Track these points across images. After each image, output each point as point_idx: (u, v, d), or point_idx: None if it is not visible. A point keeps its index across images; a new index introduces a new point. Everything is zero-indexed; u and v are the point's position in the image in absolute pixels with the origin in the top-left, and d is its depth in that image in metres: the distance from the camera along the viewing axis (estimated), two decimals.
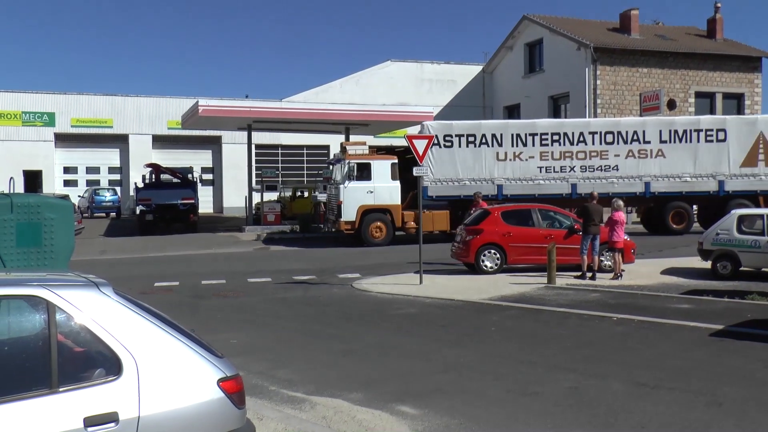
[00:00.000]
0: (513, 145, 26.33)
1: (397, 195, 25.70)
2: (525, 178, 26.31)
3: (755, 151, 26.93)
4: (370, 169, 25.39)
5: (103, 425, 3.67)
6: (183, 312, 12.43)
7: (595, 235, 16.19)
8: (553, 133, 26.53)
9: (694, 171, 26.71)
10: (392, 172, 25.55)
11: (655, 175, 26.65)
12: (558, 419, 6.64)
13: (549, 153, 26.47)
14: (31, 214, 10.29)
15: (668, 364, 8.66)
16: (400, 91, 43.21)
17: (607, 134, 26.63)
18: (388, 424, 6.59)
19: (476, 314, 12.46)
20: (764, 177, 26.90)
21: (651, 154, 26.72)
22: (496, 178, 26.15)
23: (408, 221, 25.83)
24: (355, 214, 25.07)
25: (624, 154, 26.60)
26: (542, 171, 26.41)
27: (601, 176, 26.48)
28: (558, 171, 26.49)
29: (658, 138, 26.73)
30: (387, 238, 25.45)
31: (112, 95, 43.03)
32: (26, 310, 4.07)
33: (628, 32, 39.87)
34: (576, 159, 26.51)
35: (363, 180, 25.22)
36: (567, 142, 26.49)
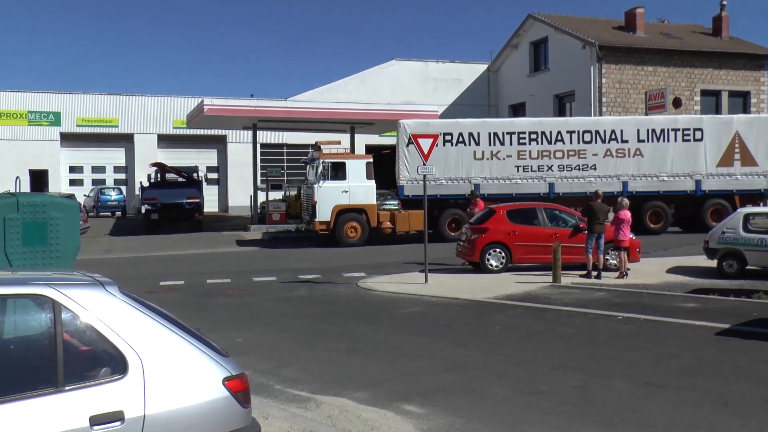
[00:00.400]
0: (490, 144, 26.15)
1: (373, 194, 25.60)
2: (502, 177, 26.12)
3: (731, 151, 26.91)
4: (344, 168, 25.16)
5: (108, 424, 3.67)
6: (188, 311, 12.44)
7: (600, 233, 16.16)
8: (530, 132, 26.36)
9: (672, 170, 26.65)
10: (367, 172, 25.33)
11: (632, 175, 26.54)
12: (563, 418, 6.63)
13: (527, 152, 26.31)
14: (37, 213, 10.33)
15: (674, 363, 8.64)
16: (406, 90, 43.14)
17: (585, 133, 26.51)
18: (393, 423, 6.58)
19: (481, 313, 12.45)
20: (740, 176, 26.88)
21: (629, 153, 26.62)
22: (473, 177, 25.92)
23: (383, 221, 25.64)
24: (330, 213, 24.84)
25: (602, 153, 26.48)
26: (520, 170, 26.21)
27: (579, 175, 26.34)
28: (535, 170, 26.33)
29: (636, 137, 26.64)
30: (362, 238, 25.20)
31: (118, 95, 43.09)
32: (32, 309, 4.08)
33: (633, 30, 39.77)
34: (554, 158, 26.37)
35: (338, 179, 24.99)
36: (545, 141, 26.34)
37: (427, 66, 45.70)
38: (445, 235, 25.65)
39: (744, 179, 26.92)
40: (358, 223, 25.22)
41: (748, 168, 27.01)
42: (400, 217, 25.84)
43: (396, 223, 25.71)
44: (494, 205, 19.00)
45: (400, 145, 25.94)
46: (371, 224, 25.45)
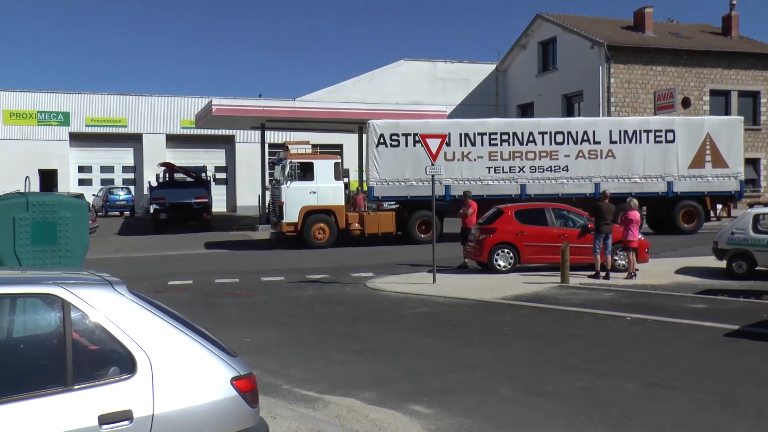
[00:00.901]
0: (461, 145, 25.80)
1: (341, 195, 25.18)
2: (473, 178, 25.77)
3: (702, 152, 26.81)
4: (312, 168, 24.73)
5: (117, 423, 3.69)
6: (196, 310, 12.47)
7: (608, 234, 16.12)
8: (502, 133, 26.08)
9: (644, 172, 26.49)
10: (335, 172, 24.99)
11: (605, 176, 26.31)
12: (571, 419, 6.62)
13: (498, 153, 25.98)
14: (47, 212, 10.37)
15: (683, 364, 8.61)
16: (414, 90, 43.15)
17: (557, 134, 26.26)
18: (401, 423, 6.58)
19: (489, 313, 12.43)
20: (711, 178, 26.77)
21: (601, 154, 26.41)
22: (443, 179, 25.31)
23: (352, 223, 25.20)
24: (297, 215, 24.42)
25: (574, 154, 26.25)
26: (491, 171, 25.90)
27: (551, 177, 26.11)
28: (507, 171, 26.01)
29: (608, 138, 26.45)
30: (331, 240, 24.80)
31: (126, 95, 43.25)
32: (42, 309, 4.10)
33: (642, 30, 39.67)
34: (525, 159, 26.06)
35: (305, 180, 24.55)
36: (516, 142, 26.06)
37: (435, 66, 45.70)
38: (415, 237, 25.40)
39: (715, 181, 26.82)
40: (326, 224, 24.77)
41: (719, 170, 26.92)
42: (369, 218, 25.43)
43: (365, 224, 25.27)
44: (502, 206, 18.96)
45: (370, 146, 25.63)
46: (339, 226, 24.99)
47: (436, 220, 25.79)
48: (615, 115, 36.77)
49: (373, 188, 25.50)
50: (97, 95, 42.65)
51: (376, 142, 25.34)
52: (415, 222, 25.63)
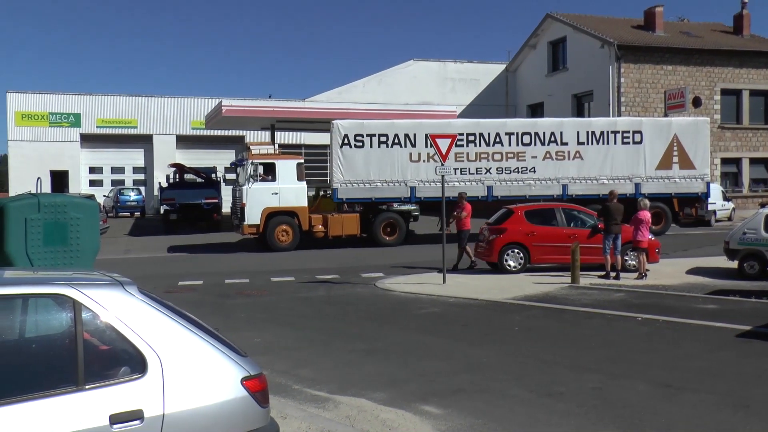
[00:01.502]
0: (427, 146, 24.71)
1: (304, 196, 24.72)
2: (439, 180, 25.53)
3: (670, 154, 26.64)
4: (274, 169, 24.19)
5: (128, 423, 3.70)
6: (207, 311, 12.50)
7: (617, 234, 16.06)
8: (468, 134, 25.66)
9: (612, 173, 26.26)
10: (298, 173, 24.49)
11: (572, 178, 26.10)
12: (582, 420, 6.60)
13: (464, 154, 25.58)
14: (58, 213, 10.42)
15: (694, 365, 8.57)
16: (423, 91, 43.11)
17: (524, 135, 25.96)
18: (411, 423, 6.58)
19: (499, 314, 12.42)
20: (678, 179, 26.61)
21: (568, 155, 26.12)
22: (409, 180, 25.17)
23: (316, 225, 24.69)
24: (259, 216, 23.89)
25: (541, 155, 25.96)
26: (457, 173, 25.28)
27: (518, 178, 25.79)
28: (473, 173, 25.69)
29: (576, 139, 26.18)
30: (294, 242, 24.31)
31: (136, 96, 43.38)
32: (53, 309, 4.12)
33: (652, 29, 39.51)
34: (492, 160, 25.74)
35: (267, 181, 24.05)
36: (483, 143, 25.72)
37: (445, 66, 45.64)
38: (379, 240, 25.09)
39: (682, 182, 26.67)
40: (289, 226, 24.28)
41: (686, 171, 26.78)
42: (333, 220, 24.90)
43: (329, 226, 24.76)
44: (512, 206, 18.92)
45: (334, 147, 25.20)
46: (303, 228, 24.48)
47: (401, 222, 25.50)
48: (625, 115, 36.64)
49: (337, 190, 25.00)
50: (107, 97, 42.83)
51: (340, 143, 24.92)
52: (380, 224, 25.28)
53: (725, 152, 38.65)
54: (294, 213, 24.41)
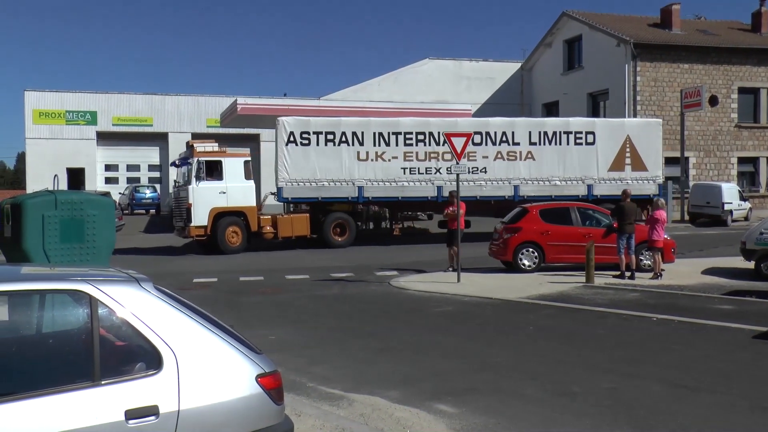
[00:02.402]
0: (375, 145, 24.82)
1: (252, 196, 23.81)
2: (387, 179, 24.85)
3: (623, 155, 26.41)
4: (221, 167, 23.20)
5: (143, 418, 3.72)
6: (221, 308, 12.54)
7: (630, 234, 15.96)
8: (417, 133, 25.13)
9: (564, 174, 25.98)
10: (245, 171, 23.60)
11: (524, 178, 25.68)
12: (596, 420, 6.57)
13: (413, 153, 25.06)
14: (74, 210, 10.50)
15: (710, 366, 8.51)
16: (439, 89, 43.07)
17: (475, 134, 24.79)
18: (425, 422, 6.57)
19: (514, 313, 12.38)
20: (631, 181, 26.21)
21: (520, 156, 25.69)
22: (356, 180, 24.56)
23: (265, 225, 23.86)
24: (207, 217, 22.89)
25: (492, 155, 25.45)
26: (406, 172, 24.97)
27: (469, 179, 24.76)
28: (423, 172, 25.12)
29: (528, 140, 25.79)
30: (243, 244, 23.49)
31: (152, 94, 43.64)
32: (70, 305, 4.15)
33: (669, 27, 39.27)
34: (442, 160, 25.01)
35: (214, 180, 23.04)
36: (432, 142, 25.11)
37: (460, 65, 45.57)
38: (330, 241, 24.57)
39: (635, 184, 26.16)
40: (237, 227, 23.39)
41: (638, 173, 26.54)
42: (282, 221, 24.21)
43: (278, 227, 24.03)
44: (527, 205, 18.86)
45: (279, 144, 24.42)
46: (251, 228, 23.61)
47: (352, 222, 24.86)
48: (641, 114, 36.44)
49: (282, 189, 24.28)
50: (123, 95, 43.11)
51: (285, 141, 24.26)
52: (330, 224, 24.72)
53: (742, 151, 38.38)
54: (242, 213, 23.52)
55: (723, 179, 36.55)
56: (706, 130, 37.71)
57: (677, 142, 35.90)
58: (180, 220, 24.08)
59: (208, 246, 23.53)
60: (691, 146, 37.03)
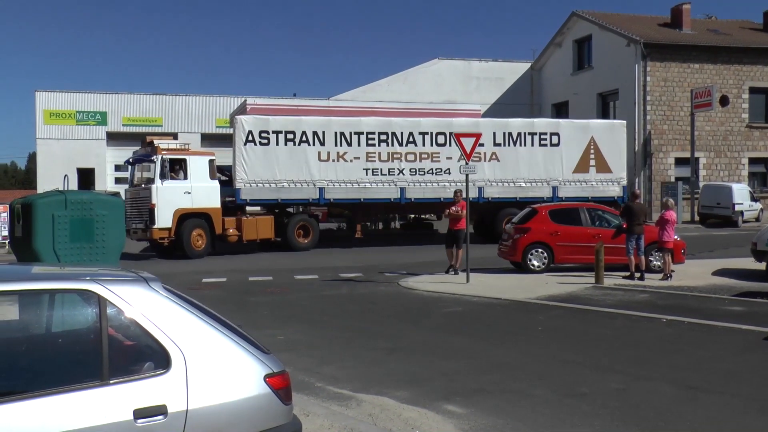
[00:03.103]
0: (336, 145, 24.21)
1: (217, 196, 22.74)
2: (349, 180, 24.29)
3: (587, 157, 26.06)
4: (185, 166, 22.07)
5: (152, 417, 3.73)
6: (230, 308, 12.57)
7: (639, 234, 15.88)
8: (380, 133, 24.58)
9: (529, 176, 25.59)
10: (210, 170, 22.63)
11: (489, 180, 25.20)
12: (605, 421, 6.55)
13: (376, 154, 24.48)
14: (84, 210, 10.55)
15: (720, 367, 8.47)
16: (448, 89, 43.02)
17: (438, 135, 24.90)
18: (434, 422, 6.57)
19: (523, 313, 12.36)
20: (595, 183, 25.98)
21: (485, 157, 25.07)
22: (317, 181, 23.89)
23: (229, 228, 22.85)
24: (171, 219, 21.64)
25: (457, 156, 23.10)
26: (368, 173, 24.38)
27: (432, 180, 24.76)
28: (385, 174, 24.55)
29: (492, 141, 25.29)
30: (207, 248, 22.40)
31: (162, 95, 43.73)
32: (79, 304, 4.17)
33: (679, 27, 39.12)
34: (405, 161, 24.66)
35: (178, 179, 21.90)
36: (395, 142, 24.64)
37: (469, 65, 45.49)
38: (293, 243, 24.04)
39: (599, 186, 26.07)
40: (202, 229, 22.23)
41: (602, 175, 26.21)
42: (247, 223, 23.21)
43: (243, 230, 23.07)
44: (537, 205, 18.82)
45: (237, 144, 23.60)
46: (216, 231, 22.61)
47: (315, 224, 24.26)
48: (651, 114, 36.31)
49: (240, 190, 23.43)
50: (133, 95, 43.24)
51: (243, 140, 23.48)
52: (294, 227, 24.20)
53: (753, 152, 38.18)
54: (207, 214, 22.41)
55: (734, 180, 36.38)
56: (717, 131, 37.54)
57: (687, 142, 35.77)
58: (140, 222, 22.28)
59: (168, 250, 22.41)
60: (702, 146, 36.87)
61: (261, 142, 23.67)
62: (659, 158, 36.73)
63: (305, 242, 24.22)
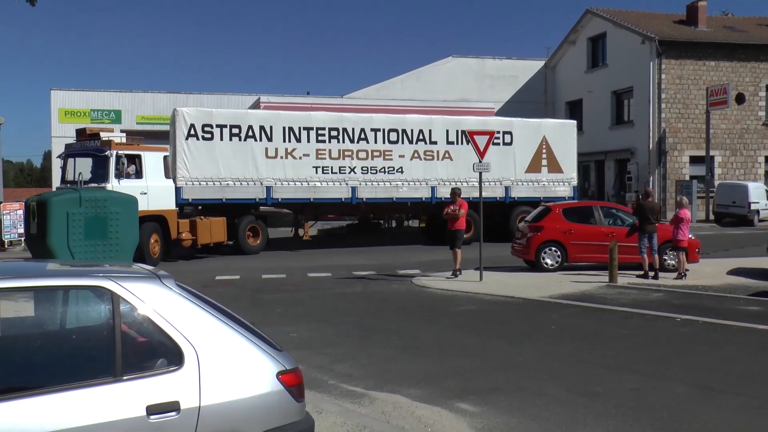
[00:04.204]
0: (285, 141, 22.57)
1: (172, 197, 20.63)
2: (299, 179, 22.78)
3: (539, 157, 25.50)
4: (140, 162, 19.59)
5: (164, 414, 3.74)
6: (243, 305, 12.60)
7: (652, 233, 15.78)
8: (330, 128, 23.19)
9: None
10: (165, 168, 20.45)
11: (442, 179, 24.20)
12: (619, 421, 6.51)
13: (326, 151, 23.09)
14: (98, 208, 10.63)
15: (735, 368, 8.40)
16: (461, 87, 42.95)
17: (390, 132, 23.82)
18: (447, 421, 6.55)
19: (536, 312, 12.32)
20: (547, 183, 25.42)
21: (438, 155, 24.31)
22: (264, 179, 22.26)
23: (183, 231, 20.64)
24: None
25: (409, 155, 23.94)
26: (318, 171, 22.91)
27: (385, 179, 23.64)
28: (336, 172, 23.18)
29: (445, 139, 24.43)
30: (161, 254, 19.98)
31: (176, 93, 43.89)
32: (92, 301, 4.20)
33: (695, 24, 38.85)
34: (356, 159, 23.38)
35: (133, 177, 19.42)
36: (347, 139, 23.32)
37: (483, 63, 45.40)
38: (245, 246, 22.61)
39: (551, 186, 25.55)
40: (157, 234, 19.83)
41: (554, 175, 25.73)
42: (201, 225, 21.07)
43: (197, 233, 20.87)
44: (550, 203, 18.73)
45: (178, 138, 21.63)
46: (171, 235, 20.27)
47: (264, 226, 22.71)
48: (666, 112, 36.09)
49: (181, 189, 21.31)
50: (147, 93, 43.43)
51: (185, 134, 21.59)
52: (245, 229, 22.70)
53: None
54: (162, 217, 19.99)
55: (750, 178, 36.11)
56: (733, 129, 37.26)
57: (702, 140, 35.53)
58: None
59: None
60: (717, 145, 36.61)
61: (204, 137, 21.83)
62: (674, 156, 36.50)
63: (256, 244, 22.87)
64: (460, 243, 16.59)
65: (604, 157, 40.09)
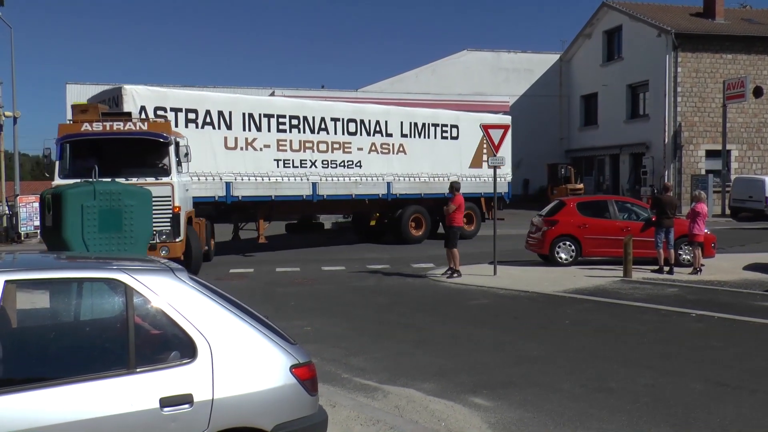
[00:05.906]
0: (245, 129, 19.62)
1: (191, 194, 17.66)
2: (259, 174, 19.87)
3: (480, 152, 24.40)
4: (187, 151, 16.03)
5: (178, 406, 3.75)
6: (257, 299, 12.63)
7: (668, 227, 15.66)
8: (291, 116, 20.56)
9: (432, 170, 23.40)
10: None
11: (397, 174, 22.75)
12: (633, 417, 6.47)
13: (287, 142, 20.47)
14: (113, 201, 10.67)
15: (751, 364, 8.34)
16: (477, 81, 42.83)
17: (349, 122, 21.80)
18: (461, 415, 6.54)
19: (550, 306, 12.27)
20: (488, 179, 22.86)
21: (393, 149, 22.76)
22: (224, 174, 19.07)
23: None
24: (184, 228, 15.51)
25: (367, 147, 22.15)
26: (280, 165, 20.26)
27: (344, 174, 21.57)
28: (297, 166, 20.63)
29: (400, 131, 22.93)
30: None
31: (189, 87, 43.98)
32: (106, 293, 4.22)
33: (712, 17, 38.51)
34: (317, 151, 21.05)
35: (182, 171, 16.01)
36: (308, 129, 20.89)
37: (498, 56, 45.24)
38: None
39: (490, 182, 23.28)
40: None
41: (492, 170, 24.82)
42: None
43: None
44: (565, 197, 18.62)
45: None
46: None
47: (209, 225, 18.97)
48: (682, 106, 35.83)
49: None
50: (161, 87, 43.56)
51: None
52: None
53: None
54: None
55: (767, 173, 35.80)
56: (750, 122, 36.94)
57: (719, 134, 35.23)
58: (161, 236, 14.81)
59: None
60: (734, 139, 36.30)
61: None
62: (689, 150, 36.23)
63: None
64: (454, 242, 15.52)
65: (619, 151, 39.87)
